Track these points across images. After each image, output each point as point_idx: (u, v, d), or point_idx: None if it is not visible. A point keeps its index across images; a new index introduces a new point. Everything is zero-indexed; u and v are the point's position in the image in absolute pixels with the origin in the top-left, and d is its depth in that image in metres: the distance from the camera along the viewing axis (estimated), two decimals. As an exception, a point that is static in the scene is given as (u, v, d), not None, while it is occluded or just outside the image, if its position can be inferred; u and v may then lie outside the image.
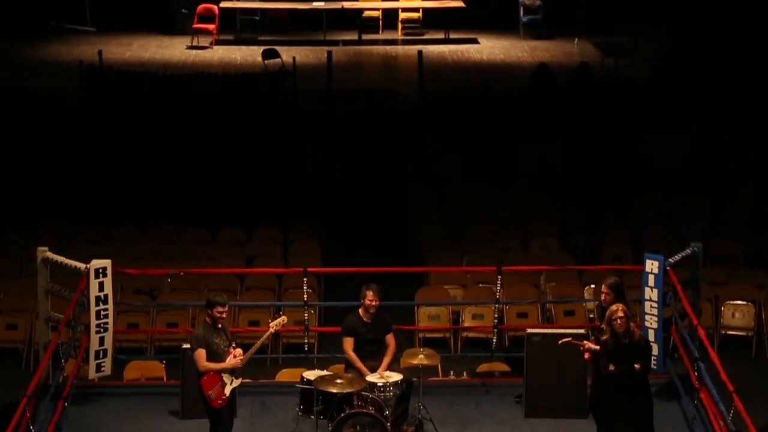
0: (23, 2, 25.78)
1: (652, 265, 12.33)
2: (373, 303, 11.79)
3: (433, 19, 26.41)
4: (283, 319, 11.49)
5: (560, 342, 11.42)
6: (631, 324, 10.97)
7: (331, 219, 17.84)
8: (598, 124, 20.39)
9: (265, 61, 22.74)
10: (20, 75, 22.87)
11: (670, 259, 12.50)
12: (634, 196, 18.20)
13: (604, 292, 11.51)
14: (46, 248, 12.45)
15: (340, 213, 18.16)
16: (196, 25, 25.56)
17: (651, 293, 12.29)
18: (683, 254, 12.63)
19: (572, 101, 20.82)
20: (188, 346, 11.26)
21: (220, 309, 10.91)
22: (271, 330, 11.35)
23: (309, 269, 13.27)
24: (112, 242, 16.47)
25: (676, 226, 17.08)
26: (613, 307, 10.90)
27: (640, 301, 12.40)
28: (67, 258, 12.48)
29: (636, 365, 10.81)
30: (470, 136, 20.53)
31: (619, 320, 10.76)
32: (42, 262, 12.40)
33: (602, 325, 11.04)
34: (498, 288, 13.32)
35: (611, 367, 10.83)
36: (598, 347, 11.14)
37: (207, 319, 11.01)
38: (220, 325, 11.00)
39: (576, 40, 25.30)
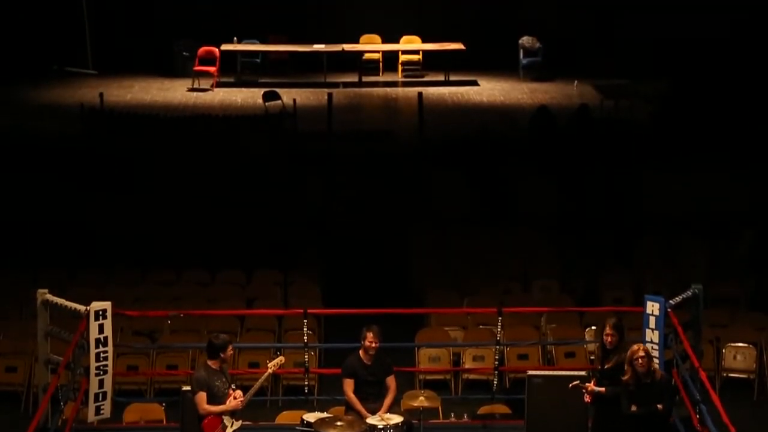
0: (25, 46, 25.87)
1: (652, 307, 12.31)
2: (373, 345, 11.77)
3: (433, 61, 26.49)
4: (281, 359, 11.48)
5: (570, 385, 11.40)
6: (653, 364, 10.96)
7: (331, 260, 17.83)
8: (598, 166, 20.44)
9: (266, 103, 22.80)
10: (21, 118, 22.94)
11: (671, 301, 12.48)
12: (634, 237, 18.19)
13: (609, 333, 11.48)
14: (46, 290, 12.44)
15: (341, 254, 18.16)
16: (197, 68, 25.64)
17: (652, 335, 12.26)
18: (684, 296, 12.61)
19: (572, 143, 20.85)
20: (188, 388, 11.22)
21: (231, 348, 11.04)
22: (270, 370, 11.33)
23: (309, 311, 13.25)
24: (112, 284, 16.44)
25: (676, 268, 17.07)
26: (635, 347, 10.93)
27: (641, 343, 12.36)
28: (67, 300, 12.46)
29: (658, 405, 10.79)
30: (471, 177, 20.61)
31: (640, 360, 10.78)
32: (42, 304, 12.37)
33: (624, 366, 11.01)
34: (499, 330, 13.29)
35: (633, 408, 10.81)
36: (601, 389, 11.13)
37: (209, 361, 10.99)
38: (220, 367, 10.99)
39: (576, 82, 25.38)
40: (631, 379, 10.83)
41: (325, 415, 11.64)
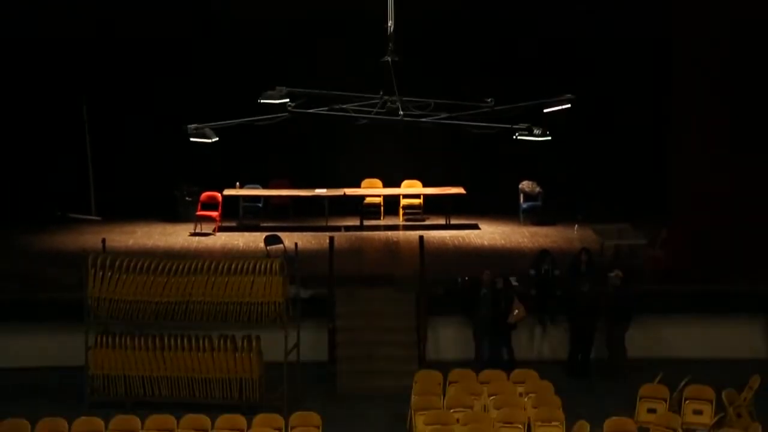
0: (28, 193, 26.07)
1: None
2: None
3: (433, 205, 26.68)
4: None
5: None
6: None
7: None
8: (599, 310, 20.46)
9: (268, 247, 22.88)
10: (23, 265, 22.98)
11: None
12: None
13: None
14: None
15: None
16: (199, 213, 25.81)
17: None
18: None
19: (574, 286, 20.88)
20: None
21: None
22: None
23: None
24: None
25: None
26: None
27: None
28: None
29: None
30: (472, 322, 20.66)
31: None
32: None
33: None
34: None
35: None
36: None
37: None
38: None
39: (576, 226, 25.51)
40: None
41: None
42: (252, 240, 24.68)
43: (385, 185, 27.01)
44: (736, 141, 21.32)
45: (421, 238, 21.46)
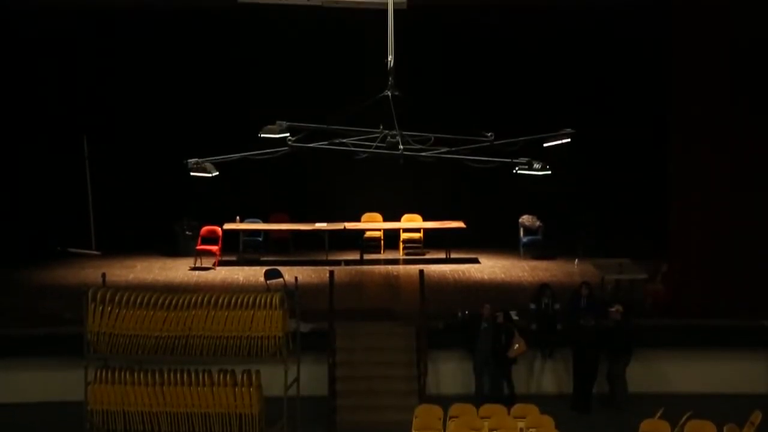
0: (28, 228, 26.08)
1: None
2: None
3: (434, 239, 26.69)
4: None
5: None
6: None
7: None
8: (601, 344, 20.43)
9: (268, 281, 22.88)
10: (23, 300, 22.97)
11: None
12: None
13: None
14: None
15: None
16: (199, 247, 25.81)
17: None
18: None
19: (574, 321, 20.88)
20: None
21: None
22: None
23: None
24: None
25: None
26: None
27: None
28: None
29: None
30: (472, 356, 20.63)
31: None
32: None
33: None
34: None
35: None
36: None
37: None
38: None
39: (576, 260, 25.52)
40: None
41: None
42: (252, 274, 24.69)
43: (386, 219, 27.03)
44: (736, 174, 21.34)
45: (421, 272, 21.47)
